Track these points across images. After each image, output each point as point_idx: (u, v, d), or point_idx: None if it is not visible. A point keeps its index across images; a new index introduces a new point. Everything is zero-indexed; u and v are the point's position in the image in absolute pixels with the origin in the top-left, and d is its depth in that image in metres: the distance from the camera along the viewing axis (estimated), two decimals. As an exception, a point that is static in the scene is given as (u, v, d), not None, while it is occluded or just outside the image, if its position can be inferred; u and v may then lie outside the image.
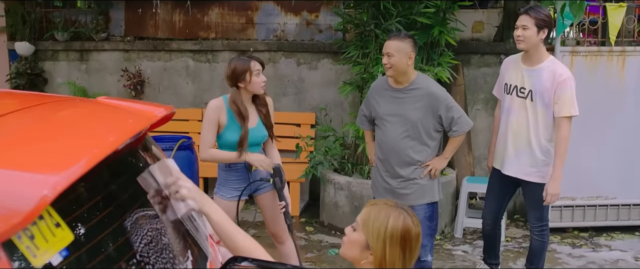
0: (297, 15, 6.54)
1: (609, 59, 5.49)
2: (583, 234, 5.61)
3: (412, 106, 3.88)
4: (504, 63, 4.36)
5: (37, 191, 1.27)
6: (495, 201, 4.39)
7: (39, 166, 1.40)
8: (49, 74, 6.87)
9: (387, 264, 1.91)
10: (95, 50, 6.79)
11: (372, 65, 5.36)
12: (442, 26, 5.38)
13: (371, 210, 1.94)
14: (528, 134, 4.06)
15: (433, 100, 3.87)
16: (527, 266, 4.40)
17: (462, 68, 6.02)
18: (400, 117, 3.91)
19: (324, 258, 5.11)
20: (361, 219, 1.94)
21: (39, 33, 6.81)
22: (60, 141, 1.60)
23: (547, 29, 3.95)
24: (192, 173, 5.35)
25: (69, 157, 1.46)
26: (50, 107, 1.90)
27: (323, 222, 5.84)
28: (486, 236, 4.52)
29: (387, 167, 4.02)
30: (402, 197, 3.89)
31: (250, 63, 3.73)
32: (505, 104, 4.19)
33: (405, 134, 3.91)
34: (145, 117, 2.02)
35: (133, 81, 6.61)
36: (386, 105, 3.97)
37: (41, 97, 2.28)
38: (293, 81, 6.50)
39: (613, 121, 5.52)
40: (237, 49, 6.50)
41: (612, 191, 5.61)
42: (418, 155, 3.94)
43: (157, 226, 1.81)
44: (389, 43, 3.86)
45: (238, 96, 3.77)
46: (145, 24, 6.77)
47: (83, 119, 1.87)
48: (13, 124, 1.67)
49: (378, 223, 1.90)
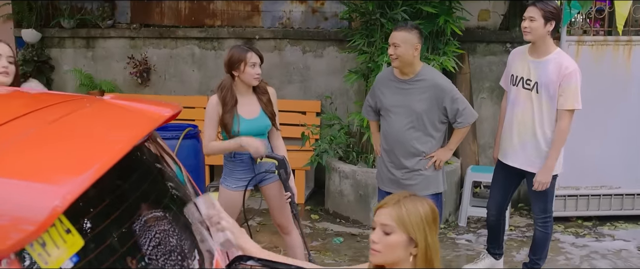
0: (303, 2, 6.53)
1: (616, 49, 5.48)
2: (587, 224, 5.64)
3: (417, 98, 3.89)
4: (511, 54, 4.37)
5: (48, 202, 1.30)
6: (500, 193, 4.42)
7: (49, 175, 1.43)
8: (56, 61, 6.90)
9: (431, 250, 1.94)
10: (101, 38, 6.80)
11: (378, 54, 5.36)
12: (448, 15, 5.37)
13: (398, 208, 1.93)
14: (533, 126, 4.08)
15: (438, 91, 3.89)
16: (531, 257, 4.44)
17: (468, 57, 6.02)
18: (405, 108, 3.93)
19: (328, 246, 5.16)
20: (394, 220, 1.92)
21: (45, 20, 6.82)
22: (69, 147, 1.63)
23: (555, 21, 3.95)
24: (198, 161, 5.38)
25: (78, 165, 1.49)
26: (58, 110, 1.92)
27: (328, 210, 5.89)
28: (490, 227, 4.56)
29: (392, 158, 4.05)
30: (407, 188, 3.92)
31: (247, 54, 3.75)
32: (511, 95, 4.21)
33: (410, 125, 3.93)
34: (153, 118, 2.05)
35: (139, 69, 6.63)
36: (391, 96, 3.99)
37: (48, 98, 2.32)
38: (298, 69, 6.51)
39: (618, 110, 5.52)
40: (242, 36, 6.50)
41: (617, 181, 5.63)
42: (423, 146, 3.96)
43: (165, 227, 1.84)
44: (395, 33, 3.86)
45: (228, 83, 3.81)
46: (151, 11, 6.78)
47: (91, 122, 1.90)
48: (21, 129, 1.69)
49: (413, 216, 1.91)
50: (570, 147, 5.48)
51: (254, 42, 6.51)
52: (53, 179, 1.41)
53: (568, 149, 5.50)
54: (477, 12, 6.14)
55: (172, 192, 2.16)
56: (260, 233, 5.33)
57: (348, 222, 5.63)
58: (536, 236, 4.36)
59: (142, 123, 1.93)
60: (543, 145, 4.09)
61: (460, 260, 4.90)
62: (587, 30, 5.61)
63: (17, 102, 2.16)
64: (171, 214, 1.99)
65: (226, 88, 3.83)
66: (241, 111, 3.82)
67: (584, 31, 5.62)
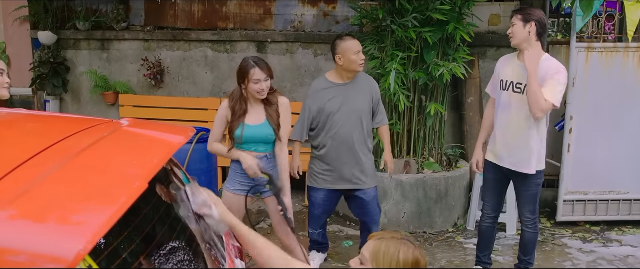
0: (315, 6, 6.60)
1: (625, 56, 5.50)
2: (595, 228, 5.69)
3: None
4: (499, 62, 4.51)
5: (74, 245, 1.39)
6: (495, 195, 4.52)
7: (73, 217, 1.53)
8: (71, 63, 7.01)
9: None
10: (116, 40, 6.91)
11: (388, 61, 5.42)
12: (458, 23, 5.42)
13: (380, 244, 1.94)
14: (523, 127, 4.20)
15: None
16: (522, 258, 4.51)
17: (478, 61, 6.07)
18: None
19: (338, 249, 5.25)
20: (370, 253, 1.94)
21: (61, 22, 6.93)
22: (92, 184, 1.72)
23: (535, 22, 4.10)
24: (210, 164, 5.48)
25: (100, 206, 1.58)
26: (79, 141, 2.02)
27: (338, 212, 5.97)
28: (484, 232, 4.60)
29: None
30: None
31: (252, 70, 3.82)
32: (502, 99, 4.32)
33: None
34: (168, 146, 2.15)
35: (153, 71, 6.74)
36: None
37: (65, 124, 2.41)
38: (310, 72, 6.58)
39: (627, 117, 5.55)
40: (255, 39, 6.59)
41: (625, 186, 5.68)
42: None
43: (182, 257, 1.94)
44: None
45: (238, 94, 3.95)
46: (165, 14, 6.87)
47: (111, 154, 1.99)
48: (47, 164, 1.79)
49: (389, 257, 1.91)
50: (578, 152, 5.56)
51: (266, 46, 6.60)
52: (77, 222, 1.50)
53: (577, 154, 5.59)
54: (487, 17, 6.18)
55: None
56: (271, 236, 5.42)
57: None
58: (526, 238, 4.45)
59: (159, 154, 2.01)
60: (533, 145, 4.19)
61: (468, 264, 4.96)
62: (597, 36, 5.62)
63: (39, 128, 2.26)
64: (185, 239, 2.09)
65: (235, 99, 3.94)
66: (247, 118, 3.92)
67: (595, 37, 5.64)
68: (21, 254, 1.39)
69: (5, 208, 1.51)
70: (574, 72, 5.43)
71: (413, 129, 5.70)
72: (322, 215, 4.66)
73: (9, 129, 2.31)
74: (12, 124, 2.40)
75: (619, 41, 5.58)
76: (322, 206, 4.57)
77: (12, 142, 2.07)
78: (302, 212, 6.08)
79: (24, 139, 2.11)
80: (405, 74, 5.46)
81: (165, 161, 1.97)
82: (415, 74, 5.49)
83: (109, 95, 6.88)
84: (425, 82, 5.53)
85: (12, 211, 1.51)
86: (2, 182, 1.63)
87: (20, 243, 1.40)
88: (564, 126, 5.59)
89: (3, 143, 2.04)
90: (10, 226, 1.47)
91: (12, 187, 1.61)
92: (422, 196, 5.53)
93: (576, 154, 5.59)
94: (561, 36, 6.23)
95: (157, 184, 2.04)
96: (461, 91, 6.16)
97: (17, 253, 1.39)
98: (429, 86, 5.66)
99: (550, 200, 6.00)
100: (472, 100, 6.05)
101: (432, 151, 5.87)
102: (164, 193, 2.05)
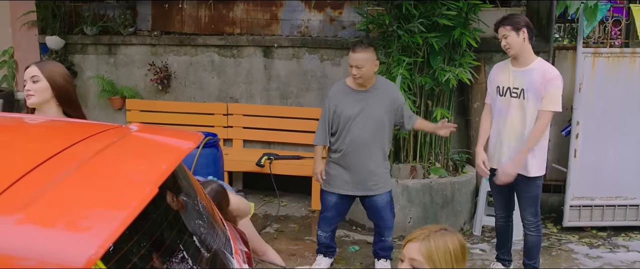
0: (321, 11, 6.62)
1: (632, 61, 5.50)
2: (601, 234, 5.68)
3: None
4: (492, 70, 4.56)
5: (86, 249, 1.41)
6: (502, 198, 4.59)
7: (85, 222, 1.54)
8: (79, 67, 7.05)
9: None
10: (123, 44, 6.94)
11: (394, 66, 5.43)
12: (464, 28, 5.43)
13: (428, 243, 2.00)
14: (522, 131, 4.26)
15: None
16: (527, 261, 4.53)
17: (484, 66, 6.07)
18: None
19: (344, 254, 5.25)
20: (423, 255, 1.99)
21: (68, 27, 6.97)
22: (102, 189, 1.74)
23: (525, 28, 4.17)
24: (217, 169, 5.49)
25: (111, 211, 1.60)
26: (90, 146, 2.04)
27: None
28: (499, 230, 4.70)
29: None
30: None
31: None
32: (498, 105, 4.38)
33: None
34: (177, 151, 2.16)
35: (160, 75, 6.76)
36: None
37: (75, 129, 2.42)
38: (316, 77, 6.60)
39: (634, 122, 5.55)
40: (261, 44, 6.61)
41: (632, 191, 5.67)
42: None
43: (192, 262, 1.95)
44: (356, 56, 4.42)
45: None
46: (172, 19, 6.90)
47: (121, 160, 2.01)
48: (59, 169, 1.80)
49: (441, 251, 1.99)
50: (585, 157, 5.56)
51: (273, 51, 6.62)
52: (87, 229, 1.52)
53: (583, 159, 5.58)
54: (493, 22, 6.15)
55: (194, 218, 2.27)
56: (277, 240, 5.44)
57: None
58: (530, 241, 4.47)
59: (168, 159, 2.03)
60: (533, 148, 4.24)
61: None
62: (604, 41, 5.62)
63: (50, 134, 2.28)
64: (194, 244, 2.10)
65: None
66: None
67: (601, 43, 5.64)
68: (33, 260, 1.40)
69: (17, 214, 1.53)
70: (580, 77, 5.44)
71: (419, 134, 5.70)
72: (334, 218, 4.71)
73: (20, 135, 2.33)
74: (22, 130, 2.42)
75: (626, 46, 5.59)
76: (335, 209, 4.64)
77: (23, 148, 2.09)
78: (308, 217, 6.09)
79: (34, 145, 2.13)
80: (411, 79, 5.48)
81: (175, 165, 1.98)
82: (421, 79, 5.50)
83: (115, 99, 6.91)
84: (431, 87, 5.54)
85: (24, 217, 1.53)
86: (14, 189, 1.64)
87: (33, 248, 1.42)
88: (570, 131, 5.59)
89: (14, 149, 2.05)
90: (23, 232, 1.48)
91: (23, 194, 1.62)
92: (428, 201, 5.54)
93: (582, 159, 5.58)
94: (567, 41, 6.22)
95: (167, 191, 2.05)
96: (467, 96, 6.17)
97: (29, 259, 1.40)
98: (435, 91, 5.67)
99: (556, 205, 5.99)
100: (478, 105, 6.05)
101: (438, 156, 5.87)
102: (174, 201, 2.06)
